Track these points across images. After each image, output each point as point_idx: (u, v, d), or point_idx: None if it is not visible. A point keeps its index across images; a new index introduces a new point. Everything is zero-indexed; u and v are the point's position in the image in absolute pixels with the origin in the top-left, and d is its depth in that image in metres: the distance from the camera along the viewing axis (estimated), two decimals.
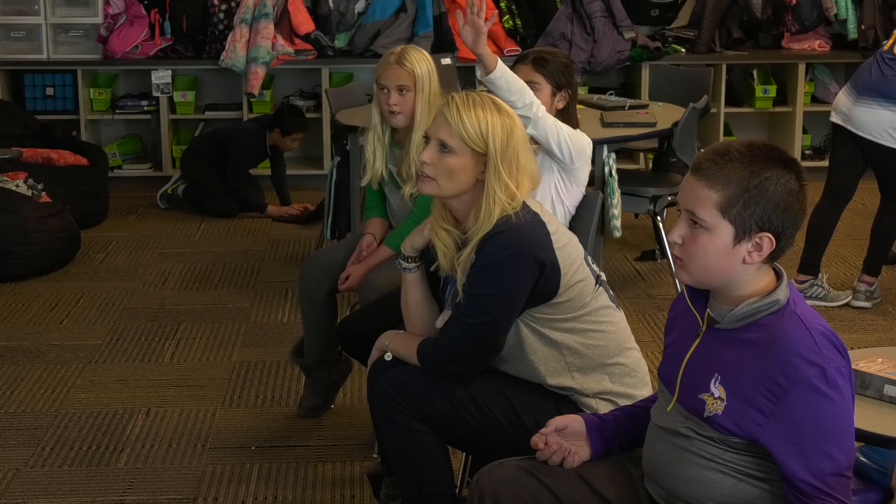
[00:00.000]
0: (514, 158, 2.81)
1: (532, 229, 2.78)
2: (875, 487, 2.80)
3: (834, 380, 2.13)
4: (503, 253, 2.75)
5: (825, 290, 5.46)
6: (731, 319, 2.24)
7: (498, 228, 2.77)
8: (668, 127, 5.36)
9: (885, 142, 5.18)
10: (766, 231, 2.19)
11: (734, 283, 2.25)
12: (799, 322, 2.18)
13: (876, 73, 5.23)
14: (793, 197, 2.20)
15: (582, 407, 2.86)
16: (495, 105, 2.85)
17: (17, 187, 6.09)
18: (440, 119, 2.84)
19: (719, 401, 2.21)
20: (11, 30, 7.60)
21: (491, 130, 2.80)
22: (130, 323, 5.26)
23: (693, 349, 2.30)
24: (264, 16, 7.47)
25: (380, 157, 4.05)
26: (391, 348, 3.02)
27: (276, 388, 4.54)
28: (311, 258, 4.28)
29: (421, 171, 2.86)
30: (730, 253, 2.21)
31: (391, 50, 4.05)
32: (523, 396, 2.86)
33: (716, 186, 2.19)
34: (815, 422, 2.13)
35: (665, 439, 2.34)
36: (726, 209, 2.19)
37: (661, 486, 2.37)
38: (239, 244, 6.57)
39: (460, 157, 2.81)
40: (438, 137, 2.83)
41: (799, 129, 7.83)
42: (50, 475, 3.84)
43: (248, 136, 7.08)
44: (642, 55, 7.63)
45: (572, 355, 2.84)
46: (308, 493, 3.72)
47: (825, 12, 7.84)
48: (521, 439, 2.83)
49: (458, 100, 2.83)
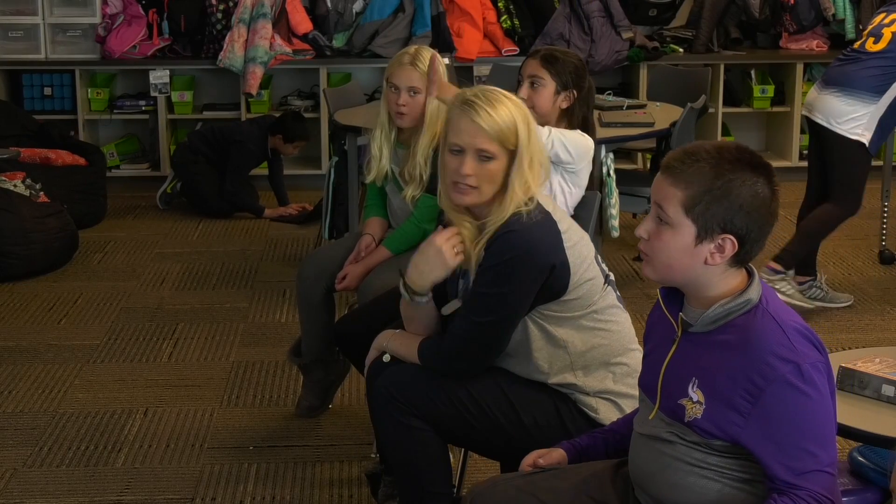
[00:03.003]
0: (534, 148, 2.78)
1: (543, 229, 2.76)
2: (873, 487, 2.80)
3: (810, 375, 2.13)
4: (512, 253, 2.72)
5: (824, 291, 5.46)
6: (704, 322, 2.23)
7: (509, 227, 2.74)
8: (667, 127, 5.36)
9: (838, 130, 5.18)
10: (729, 233, 2.19)
11: (700, 283, 2.25)
12: (772, 320, 2.18)
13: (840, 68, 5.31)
14: (759, 201, 2.18)
15: (581, 405, 2.86)
16: (507, 97, 2.80)
17: (15, 187, 6.08)
18: (471, 128, 2.74)
19: (698, 405, 2.21)
20: (9, 30, 7.60)
21: (518, 125, 2.75)
22: (128, 323, 5.26)
23: (670, 355, 2.30)
24: (262, 16, 7.47)
25: (386, 155, 4.04)
26: (390, 349, 3.00)
27: (274, 387, 4.54)
28: (308, 258, 4.28)
29: (460, 184, 2.76)
30: (692, 252, 2.21)
31: (405, 49, 4.04)
32: (522, 395, 2.86)
33: (680, 185, 2.20)
34: (793, 419, 2.13)
35: (649, 446, 2.34)
36: (690, 208, 2.19)
37: (648, 494, 2.36)
38: (237, 244, 6.57)
39: (499, 160, 2.76)
40: (477, 148, 2.74)
41: (797, 129, 7.83)
42: (48, 475, 3.84)
43: (251, 141, 7.06)
44: (640, 55, 7.64)
45: (577, 353, 2.84)
46: (306, 493, 3.72)
47: (823, 12, 7.84)
48: (519, 437, 2.84)
49: (481, 101, 2.75)
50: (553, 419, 2.85)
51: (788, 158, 7.84)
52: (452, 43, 7.53)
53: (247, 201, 7.12)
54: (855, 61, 5.26)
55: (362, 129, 5.31)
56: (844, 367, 2.76)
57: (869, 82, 5.16)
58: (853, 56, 5.31)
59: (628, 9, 7.80)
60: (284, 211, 7.12)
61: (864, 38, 5.33)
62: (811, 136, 5.43)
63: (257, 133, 7.10)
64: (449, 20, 7.62)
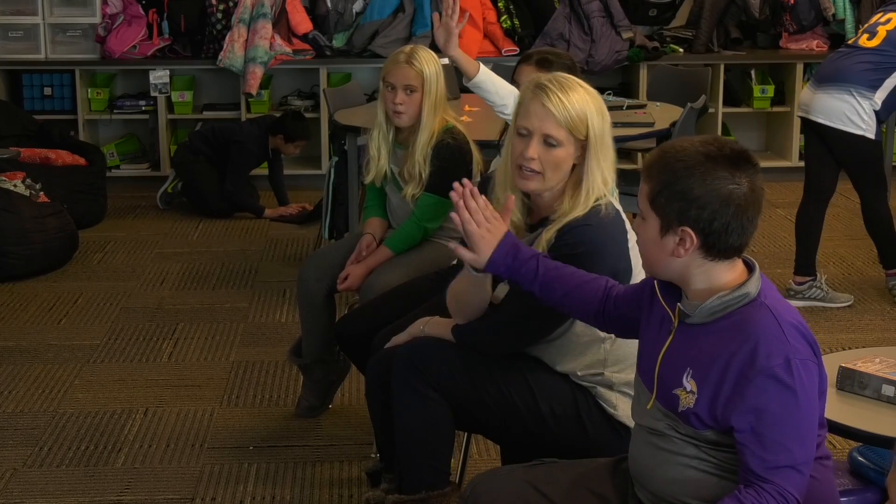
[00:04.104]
0: (606, 137, 2.77)
1: (615, 228, 2.77)
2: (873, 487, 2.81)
3: (798, 371, 2.14)
4: (584, 247, 2.72)
5: (824, 292, 5.46)
6: (702, 314, 2.25)
7: (586, 220, 2.73)
8: (667, 127, 5.35)
9: (842, 126, 5.20)
10: (686, 225, 2.20)
11: (684, 277, 2.27)
12: (769, 313, 2.19)
13: (833, 63, 5.33)
14: (717, 194, 2.18)
15: (601, 400, 2.86)
16: (581, 85, 2.77)
17: (15, 187, 6.08)
18: (540, 111, 2.71)
19: (691, 394, 2.23)
20: (9, 30, 7.60)
21: (589, 114, 2.73)
22: (128, 323, 5.26)
23: (667, 345, 2.31)
24: (262, 16, 7.47)
25: (384, 155, 4.03)
26: (427, 333, 2.99)
27: (274, 387, 4.54)
28: (309, 258, 4.28)
29: (524, 168, 2.74)
30: (659, 244, 2.25)
31: (400, 48, 4.04)
32: (543, 383, 2.85)
33: (647, 179, 2.25)
34: (774, 412, 2.14)
35: (648, 441, 2.35)
36: (652, 200, 2.24)
37: (647, 490, 2.37)
38: (237, 244, 6.57)
39: (566, 148, 2.73)
40: (544, 132, 2.72)
41: (797, 129, 7.81)
42: (48, 475, 3.84)
43: (251, 141, 7.06)
44: (640, 55, 7.64)
45: (613, 349, 2.84)
46: (306, 493, 3.72)
47: (823, 12, 7.84)
48: (534, 424, 2.84)
49: (554, 86, 2.72)
50: (570, 410, 2.85)
51: (788, 158, 7.84)
52: None
53: (247, 201, 7.12)
54: (848, 56, 5.29)
55: (362, 129, 5.31)
56: (844, 367, 2.76)
57: (862, 76, 5.18)
58: (846, 52, 5.34)
59: (628, 9, 7.80)
60: (284, 211, 7.12)
61: (859, 35, 5.37)
62: (810, 136, 5.44)
63: (258, 133, 7.10)
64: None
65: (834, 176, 5.43)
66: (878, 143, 5.30)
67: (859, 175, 5.37)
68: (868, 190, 5.38)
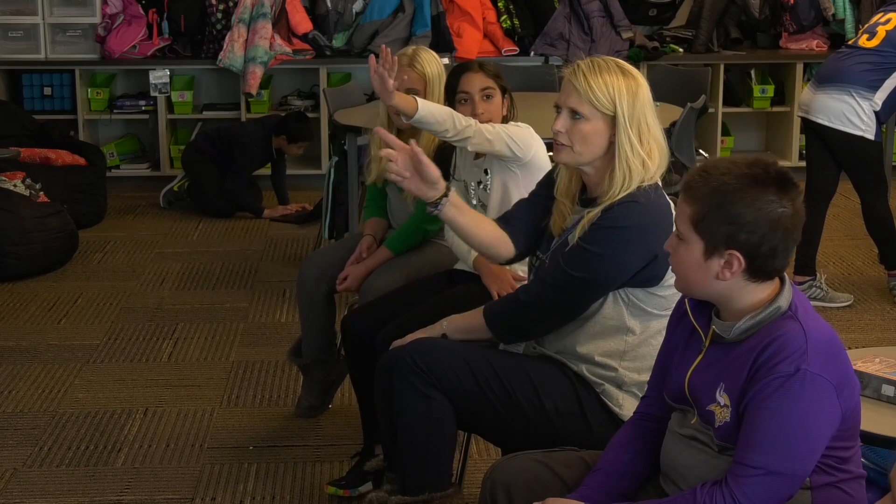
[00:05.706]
0: (642, 119, 2.81)
1: (662, 210, 2.80)
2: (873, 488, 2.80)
3: (806, 384, 2.12)
4: (629, 221, 2.76)
5: (823, 291, 5.46)
6: (737, 333, 2.25)
7: (635, 197, 2.78)
8: (666, 127, 5.34)
9: (842, 127, 5.21)
10: (734, 249, 2.19)
11: (724, 297, 2.26)
12: (798, 327, 2.18)
13: (833, 64, 5.34)
14: (766, 217, 2.18)
15: (606, 398, 2.86)
16: (619, 67, 2.85)
17: (15, 187, 6.08)
18: (567, 87, 2.83)
19: (725, 408, 2.23)
20: (9, 29, 7.60)
21: (617, 93, 2.80)
22: (128, 323, 5.26)
23: (696, 364, 2.31)
24: (262, 15, 7.47)
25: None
26: (449, 329, 3.00)
27: (274, 388, 4.54)
28: (309, 258, 4.28)
29: (555, 140, 2.85)
30: (703, 267, 2.23)
31: (403, 51, 4.02)
32: (547, 381, 2.86)
33: (690, 201, 2.23)
34: (768, 413, 2.13)
35: (686, 443, 2.36)
36: (696, 223, 2.22)
37: (675, 485, 2.37)
38: (237, 244, 6.57)
39: (592, 123, 2.80)
40: (569, 106, 2.82)
41: (797, 129, 7.81)
42: (48, 475, 3.84)
43: (255, 142, 7.07)
44: (640, 55, 7.63)
45: (634, 344, 2.85)
46: (306, 493, 3.72)
47: (823, 12, 7.84)
48: (538, 423, 2.84)
49: (584, 66, 2.83)
50: (574, 408, 2.86)
51: (788, 158, 7.83)
52: (452, 43, 7.53)
53: (246, 200, 7.12)
54: (848, 57, 5.29)
55: (362, 129, 5.31)
56: None
57: (862, 77, 5.19)
58: (846, 52, 5.35)
59: (628, 9, 7.80)
60: (284, 210, 7.13)
61: (859, 36, 5.38)
62: (811, 137, 5.45)
63: (261, 134, 7.11)
64: (449, 20, 7.63)
65: (834, 176, 5.43)
66: (878, 143, 5.31)
67: (859, 175, 5.37)
68: (868, 190, 5.39)
